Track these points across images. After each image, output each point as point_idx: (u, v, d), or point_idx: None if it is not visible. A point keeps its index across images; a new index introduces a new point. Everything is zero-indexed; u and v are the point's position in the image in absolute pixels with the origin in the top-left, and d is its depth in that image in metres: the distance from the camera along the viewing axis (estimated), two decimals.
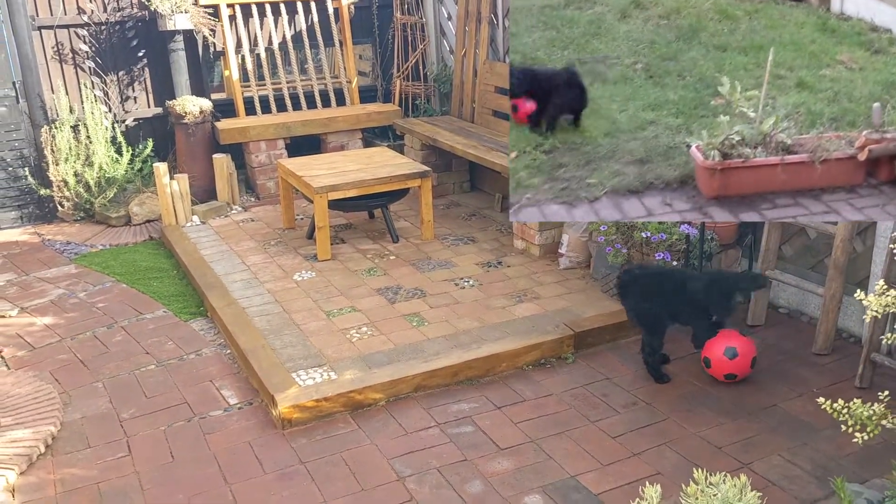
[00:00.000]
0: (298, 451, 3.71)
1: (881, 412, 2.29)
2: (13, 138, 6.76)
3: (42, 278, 5.82)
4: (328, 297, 5.11)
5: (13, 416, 4.02)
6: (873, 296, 2.41)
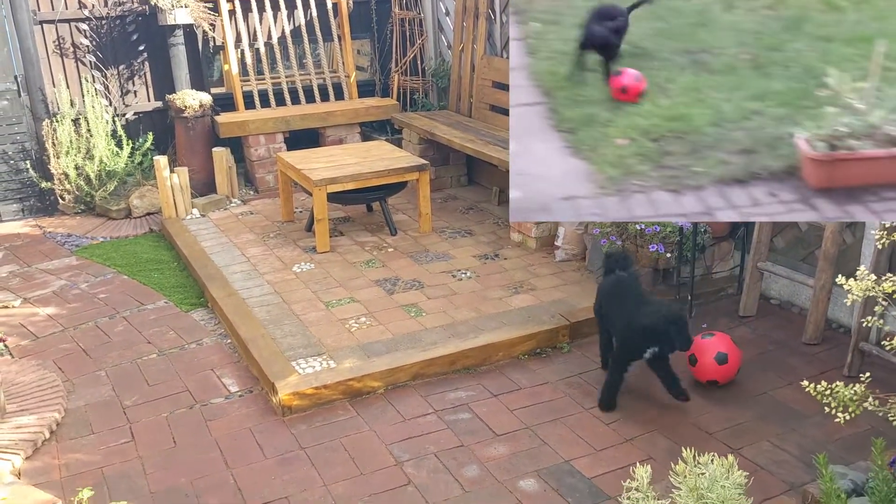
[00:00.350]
0: (298, 437, 3.79)
1: (862, 393, 2.37)
2: (15, 132, 6.81)
3: (44, 270, 5.89)
4: (327, 288, 5.19)
5: (18, 403, 4.09)
6: (854, 281, 2.50)
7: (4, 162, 6.83)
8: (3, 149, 6.78)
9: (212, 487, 3.45)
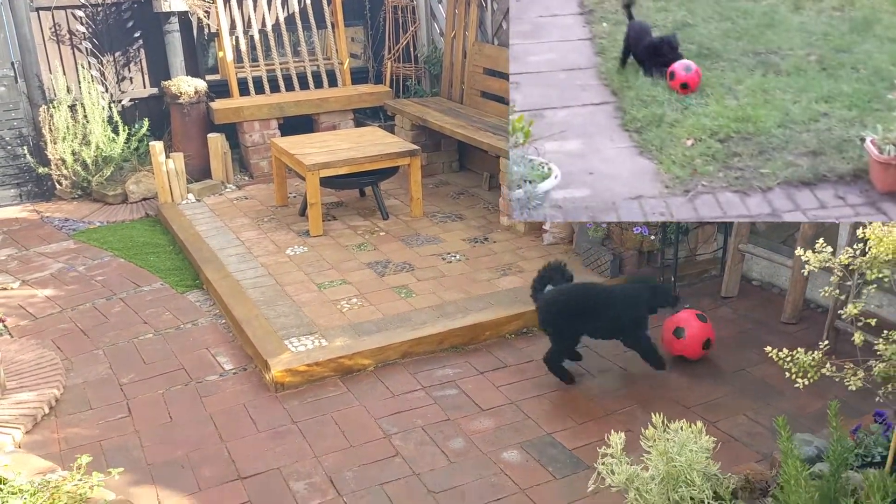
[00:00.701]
0: (291, 411, 3.92)
1: (820, 359, 2.50)
2: (12, 117, 6.91)
3: (42, 253, 6.00)
4: (320, 270, 5.31)
5: (18, 381, 4.21)
6: (811, 252, 2.63)
7: (2, 148, 6.92)
8: (0, 135, 6.87)
9: (207, 459, 3.58)
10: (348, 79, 7.98)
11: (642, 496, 2.56)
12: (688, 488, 2.48)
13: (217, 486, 3.41)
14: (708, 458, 2.58)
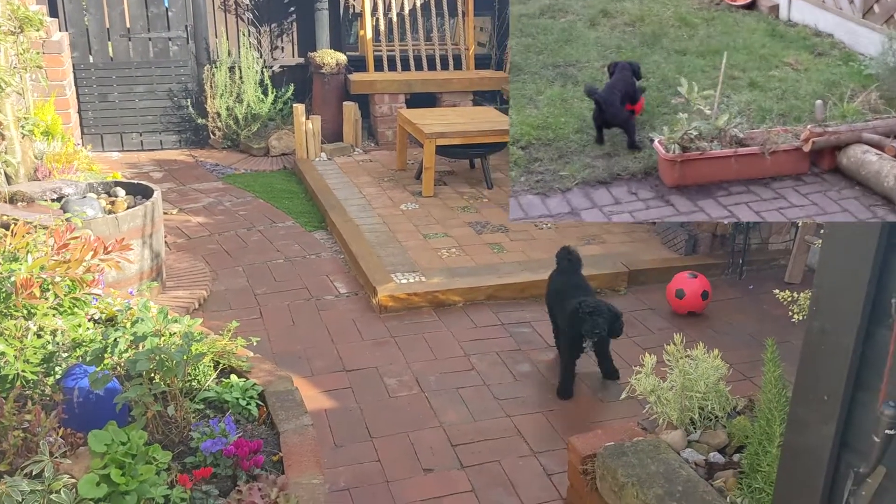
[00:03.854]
0: (390, 329, 4.70)
1: None
2: (181, 73, 8.02)
3: (196, 189, 7.05)
4: (427, 224, 6.09)
5: (175, 282, 5.18)
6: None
7: (170, 98, 8.05)
8: (169, 87, 8.01)
9: (320, 355, 4.41)
10: (472, 63, 8.74)
11: (661, 401, 3.18)
12: (696, 395, 3.09)
13: (326, 374, 4.23)
14: (720, 378, 3.17)
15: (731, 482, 2.80)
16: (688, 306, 4.91)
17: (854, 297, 1.74)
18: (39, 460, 2.51)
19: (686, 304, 4.91)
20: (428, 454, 3.59)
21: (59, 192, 4.81)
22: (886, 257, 1.71)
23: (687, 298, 4.89)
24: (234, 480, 2.69)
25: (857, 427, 1.83)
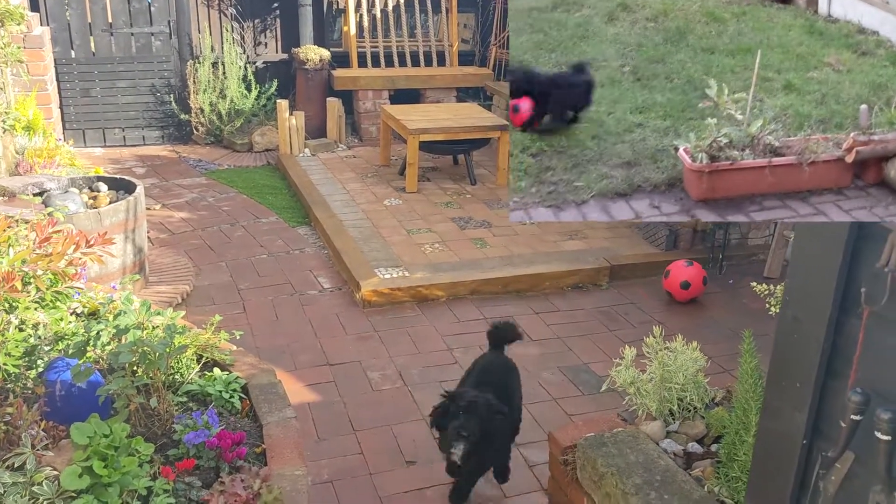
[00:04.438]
0: (374, 323, 4.72)
1: None
2: (163, 68, 7.99)
3: (179, 185, 7.03)
4: (410, 219, 6.11)
5: (158, 277, 5.17)
6: None
7: (152, 94, 8.02)
8: (152, 82, 7.98)
9: (303, 349, 4.43)
10: (455, 60, 8.76)
11: (640, 393, 3.22)
12: (675, 386, 3.13)
13: (310, 368, 4.24)
14: (698, 370, 3.22)
15: (708, 471, 2.84)
16: (692, 294, 5.05)
17: (825, 287, 1.78)
18: (21, 452, 2.52)
19: (690, 293, 5.04)
20: (410, 446, 3.61)
21: (41, 187, 4.79)
22: (856, 248, 1.75)
23: (692, 288, 5.02)
24: (217, 472, 2.70)
25: (829, 414, 1.87)
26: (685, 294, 5.03)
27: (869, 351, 1.72)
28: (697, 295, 5.08)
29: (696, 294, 5.06)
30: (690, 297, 5.06)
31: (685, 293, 5.03)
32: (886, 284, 1.66)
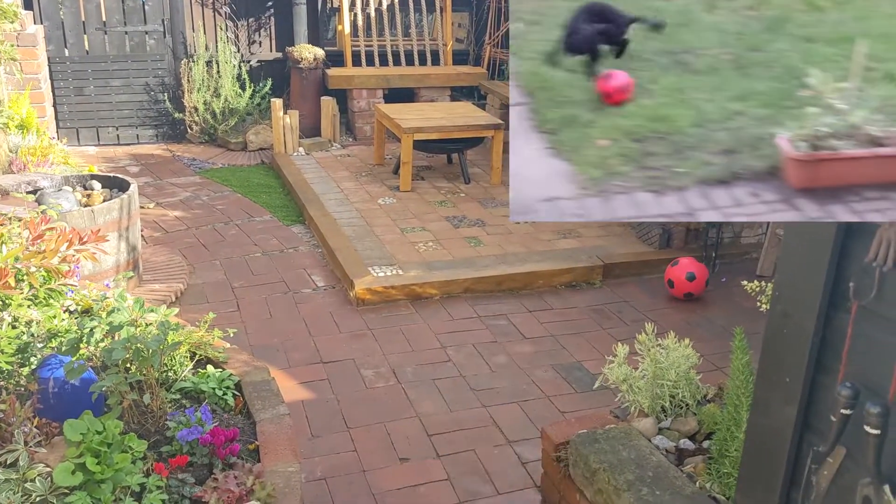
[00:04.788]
0: (367, 321, 4.73)
1: None
2: (157, 67, 7.99)
3: (173, 183, 7.03)
4: (404, 218, 6.12)
5: (152, 275, 5.17)
6: None
7: (146, 93, 8.02)
8: (146, 81, 7.97)
9: (297, 347, 4.43)
10: (450, 59, 8.77)
11: (632, 390, 3.24)
12: (667, 383, 3.14)
13: (304, 365, 4.25)
14: (690, 367, 3.23)
15: (700, 467, 2.86)
16: (692, 289, 5.06)
17: (815, 282, 1.79)
18: (14, 449, 2.52)
19: (692, 287, 5.05)
20: (404, 444, 3.62)
21: (35, 185, 4.79)
22: (845, 243, 1.76)
23: (696, 282, 5.04)
24: (211, 469, 2.71)
25: (819, 409, 1.88)
26: (687, 286, 5.03)
27: (858, 345, 1.73)
28: (697, 292, 5.07)
29: (696, 290, 5.06)
30: (688, 292, 5.06)
31: (688, 285, 5.04)
32: (875, 279, 1.67)
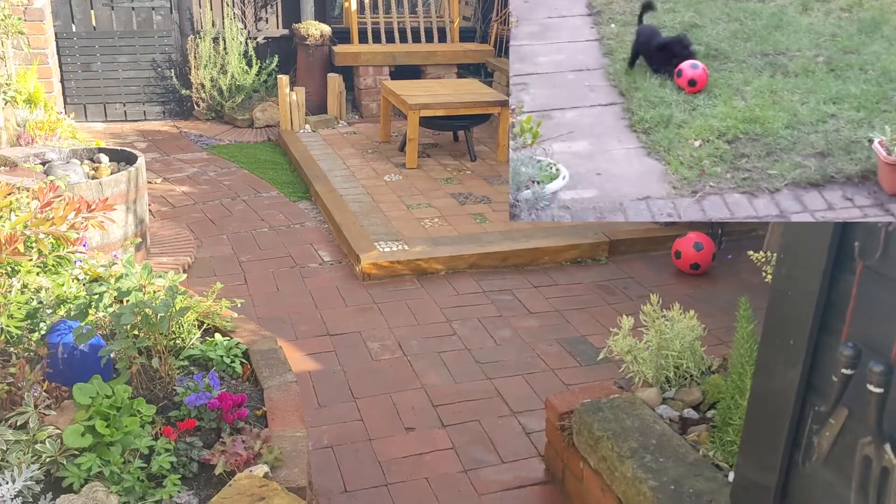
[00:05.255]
0: (373, 295, 4.75)
1: None
2: (164, 43, 7.98)
3: (180, 159, 7.04)
4: (410, 195, 6.12)
5: (159, 248, 5.20)
6: None
7: (153, 69, 8.01)
8: (153, 57, 7.97)
9: (304, 320, 4.45)
10: (457, 36, 8.74)
11: (637, 361, 3.25)
12: (672, 354, 3.16)
13: (311, 337, 4.27)
14: (695, 338, 3.24)
15: (703, 436, 2.88)
16: (698, 259, 5.07)
17: (820, 243, 1.80)
18: (24, 412, 2.55)
19: (699, 258, 5.07)
20: (410, 414, 3.65)
21: (43, 158, 4.80)
22: None
23: (702, 253, 5.06)
24: (219, 433, 2.74)
25: (822, 370, 1.89)
26: (694, 256, 5.05)
27: (861, 305, 1.74)
28: (703, 263, 5.08)
29: (702, 261, 5.07)
30: (695, 262, 5.07)
31: (695, 255, 5.05)
32: (880, 239, 1.67)
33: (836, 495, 1.85)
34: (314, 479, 3.16)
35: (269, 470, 2.51)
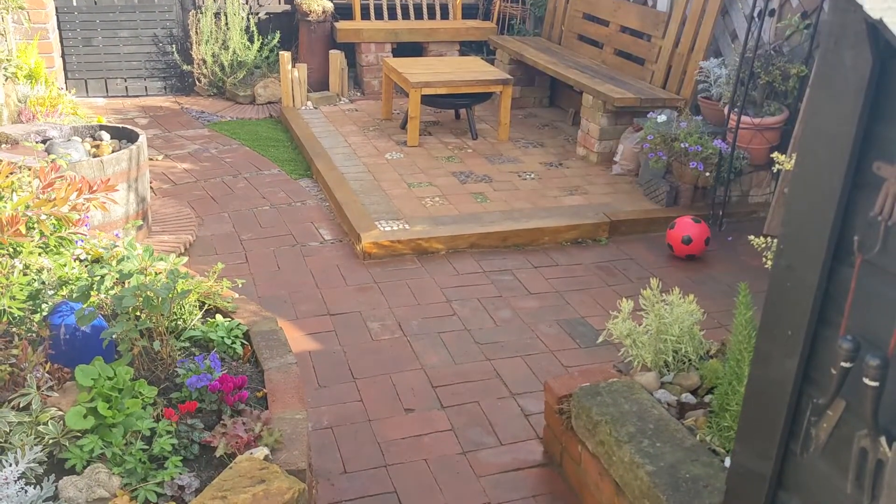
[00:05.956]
0: (374, 275, 4.76)
1: None
2: (166, 18, 7.92)
3: (181, 136, 7.02)
4: (411, 173, 6.11)
5: (160, 226, 5.20)
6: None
7: (155, 44, 7.96)
8: (154, 32, 7.91)
9: (304, 299, 4.47)
10: (459, 13, 8.67)
11: (636, 345, 3.27)
12: (670, 338, 3.17)
13: (311, 317, 4.29)
14: (694, 322, 3.25)
15: (701, 421, 2.90)
16: (692, 251, 5.07)
17: (819, 236, 1.80)
18: (27, 393, 2.57)
19: (691, 249, 5.06)
20: (409, 395, 3.67)
21: (44, 135, 4.79)
22: (851, 197, 1.77)
23: (693, 244, 5.04)
24: (219, 415, 2.76)
25: (819, 362, 1.90)
26: (685, 249, 5.03)
27: (860, 299, 1.74)
28: (697, 253, 5.07)
29: (695, 252, 5.06)
30: (689, 254, 5.06)
31: (685, 248, 5.03)
32: (880, 233, 1.68)
33: (832, 486, 1.87)
34: (314, 461, 3.19)
35: (269, 452, 2.53)
